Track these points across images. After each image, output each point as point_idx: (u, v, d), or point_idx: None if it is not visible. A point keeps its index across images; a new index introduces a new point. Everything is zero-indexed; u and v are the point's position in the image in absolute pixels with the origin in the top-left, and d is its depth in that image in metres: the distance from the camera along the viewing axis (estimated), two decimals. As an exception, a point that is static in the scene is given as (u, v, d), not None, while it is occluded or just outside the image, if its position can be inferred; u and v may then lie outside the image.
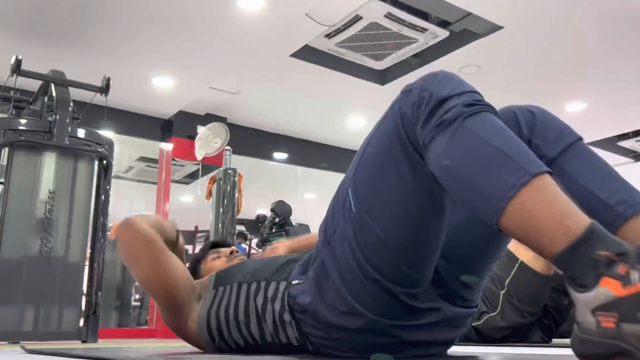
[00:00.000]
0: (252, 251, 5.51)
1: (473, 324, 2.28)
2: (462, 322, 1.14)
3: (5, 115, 3.28)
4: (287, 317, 1.13)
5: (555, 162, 1.07)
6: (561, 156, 1.08)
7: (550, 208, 0.79)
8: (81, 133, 3.13)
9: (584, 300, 0.76)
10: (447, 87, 0.93)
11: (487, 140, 0.86)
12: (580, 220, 0.78)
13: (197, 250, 1.63)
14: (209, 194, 4.68)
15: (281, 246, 1.66)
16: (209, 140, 5.05)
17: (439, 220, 1.01)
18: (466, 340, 2.35)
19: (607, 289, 0.73)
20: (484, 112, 0.90)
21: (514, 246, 2.11)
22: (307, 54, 4.76)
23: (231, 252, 1.52)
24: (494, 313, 2.23)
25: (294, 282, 1.14)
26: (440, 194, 0.98)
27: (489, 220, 0.84)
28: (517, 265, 2.20)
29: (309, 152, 6.96)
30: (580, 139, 1.11)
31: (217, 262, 1.52)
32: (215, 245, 1.59)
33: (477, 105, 0.90)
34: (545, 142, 1.09)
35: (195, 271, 1.48)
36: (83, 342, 2.93)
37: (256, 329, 1.18)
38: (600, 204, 0.99)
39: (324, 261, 1.06)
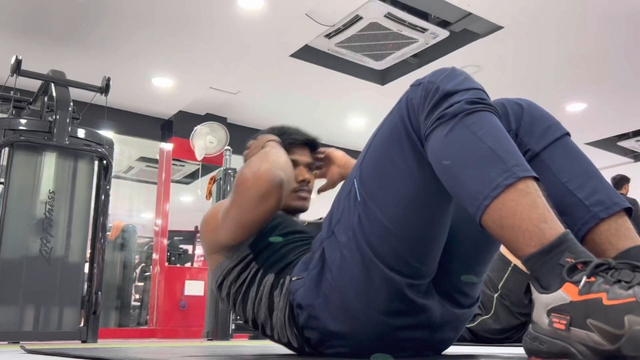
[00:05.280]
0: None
1: (467, 325, 2.29)
2: (457, 324, 1.14)
3: (5, 115, 3.28)
4: (287, 313, 1.13)
5: (539, 157, 1.08)
6: (545, 151, 1.08)
7: (529, 211, 0.82)
8: (81, 133, 3.13)
9: (543, 301, 0.79)
10: (454, 81, 0.95)
11: (481, 139, 0.88)
12: (555, 227, 0.81)
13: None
14: (209, 194, 4.68)
15: (339, 156, 1.59)
16: (203, 133, 4.99)
17: (443, 210, 1.01)
18: (461, 340, 2.36)
19: (566, 293, 0.76)
20: (485, 111, 0.92)
21: (506, 249, 2.11)
22: (307, 54, 4.76)
23: (303, 180, 1.41)
24: (487, 316, 2.24)
25: (293, 278, 1.13)
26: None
27: (473, 215, 0.87)
28: (510, 268, 2.21)
29: (309, 152, 6.95)
30: (567, 134, 1.11)
31: None
32: (306, 144, 1.47)
33: (479, 103, 0.92)
34: (531, 135, 1.10)
35: None
36: (83, 342, 2.93)
37: (265, 317, 1.17)
38: (578, 203, 1.02)
39: (325, 251, 1.06)
